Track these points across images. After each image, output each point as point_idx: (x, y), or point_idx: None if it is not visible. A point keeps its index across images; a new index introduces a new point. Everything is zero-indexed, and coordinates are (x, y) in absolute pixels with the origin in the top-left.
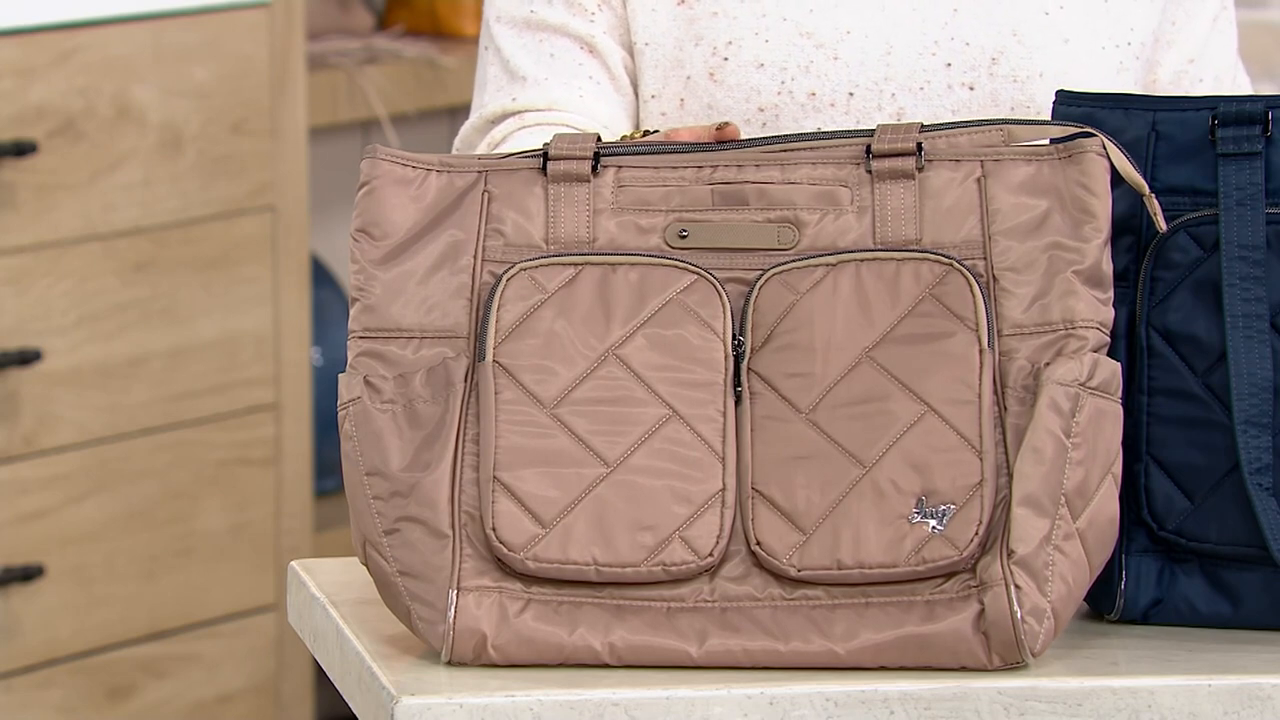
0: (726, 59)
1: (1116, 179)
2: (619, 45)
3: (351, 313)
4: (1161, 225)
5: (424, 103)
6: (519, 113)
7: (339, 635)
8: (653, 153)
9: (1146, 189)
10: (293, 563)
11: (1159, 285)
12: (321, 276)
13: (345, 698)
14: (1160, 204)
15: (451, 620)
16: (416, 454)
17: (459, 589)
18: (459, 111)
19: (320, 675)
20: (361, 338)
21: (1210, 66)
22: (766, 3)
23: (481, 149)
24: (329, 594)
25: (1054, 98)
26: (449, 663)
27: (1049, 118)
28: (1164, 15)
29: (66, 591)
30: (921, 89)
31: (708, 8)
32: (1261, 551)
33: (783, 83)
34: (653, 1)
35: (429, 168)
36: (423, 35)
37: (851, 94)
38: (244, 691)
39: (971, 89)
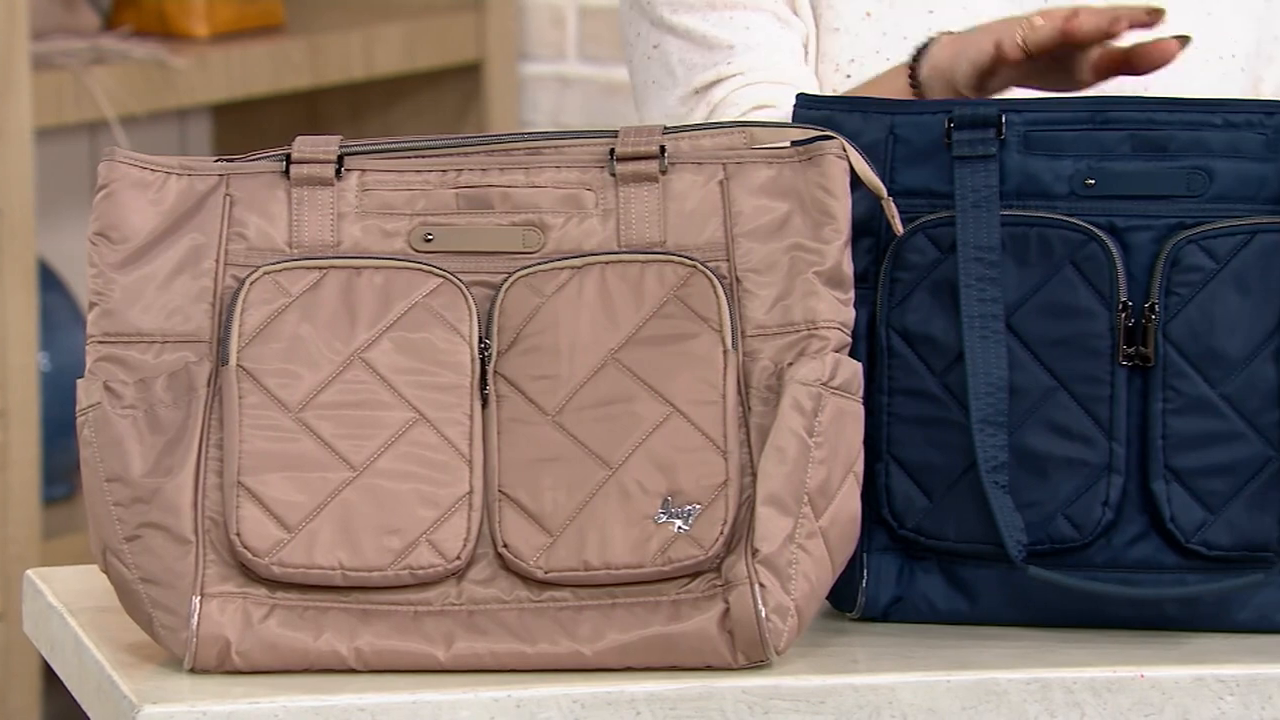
0: (849, 76)
1: (856, 181)
2: (800, 19)
3: (90, 317)
4: (898, 228)
5: (153, 104)
6: (736, 74)
7: (77, 644)
8: (398, 156)
9: (884, 192)
10: (28, 571)
11: (898, 286)
12: (49, 280)
13: (84, 708)
14: (898, 206)
15: (194, 627)
16: (158, 459)
17: (202, 595)
18: (189, 113)
19: (49, 686)
20: (101, 342)
21: None
22: (885, 21)
23: (698, 117)
24: (66, 602)
25: (794, 100)
26: (192, 670)
27: None
28: (1262, 27)
29: None
30: None
31: (829, 24)
32: (997, 548)
33: None
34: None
35: (169, 171)
36: (151, 35)
37: None
38: None
39: None
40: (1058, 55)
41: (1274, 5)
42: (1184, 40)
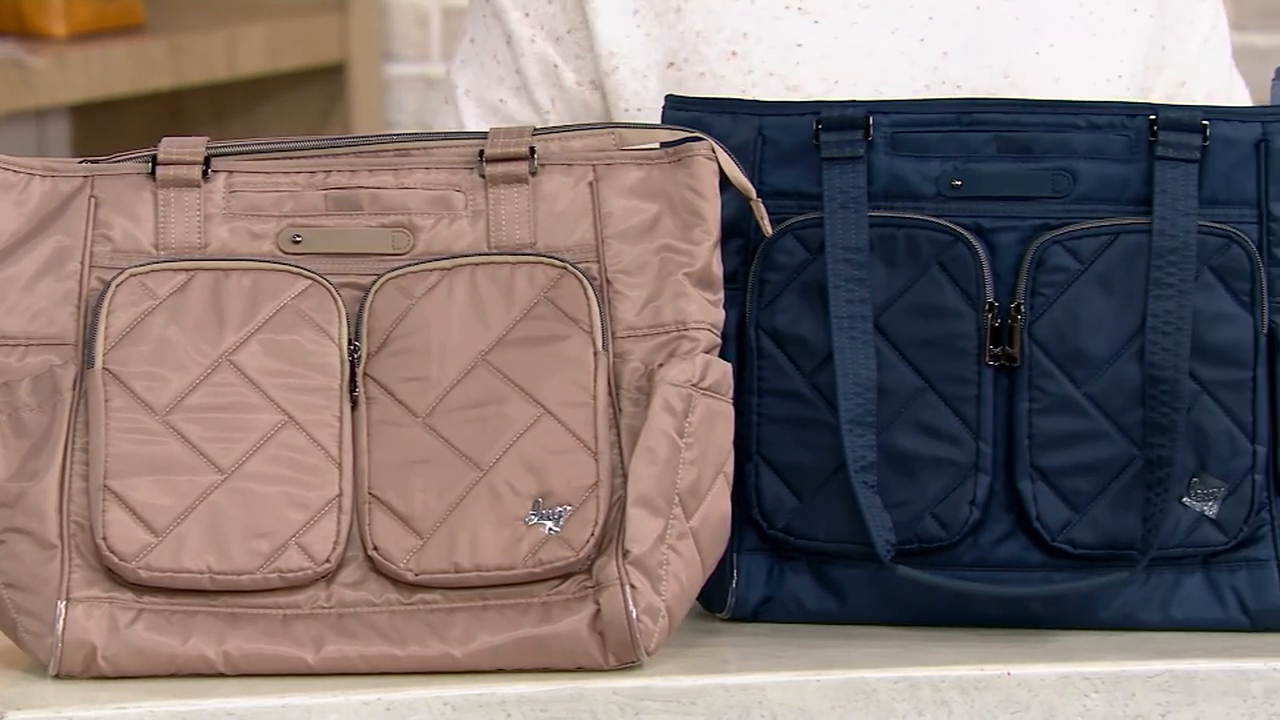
0: None
1: (725, 182)
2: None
3: None
4: (767, 229)
5: (10, 104)
6: None
7: None
8: (266, 157)
9: (753, 193)
10: None
11: (767, 287)
12: None
13: None
14: (768, 207)
15: (60, 632)
16: (23, 463)
17: (68, 600)
18: (47, 114)
19: None
20: None
21: (1202, 86)
22: (752, 59)
23: None
24: None
25: (664, 102)
26: (57, 676)
27: None
28: (1151, 41)
29: None
30: None
31: (695, 69)
32: (866, 548)
33: None
34: (642, 69)
35: (32, 172)
36: (8, 34)
37: None
38: None
39: None
40: None
41: (1164, 19)
42: None
